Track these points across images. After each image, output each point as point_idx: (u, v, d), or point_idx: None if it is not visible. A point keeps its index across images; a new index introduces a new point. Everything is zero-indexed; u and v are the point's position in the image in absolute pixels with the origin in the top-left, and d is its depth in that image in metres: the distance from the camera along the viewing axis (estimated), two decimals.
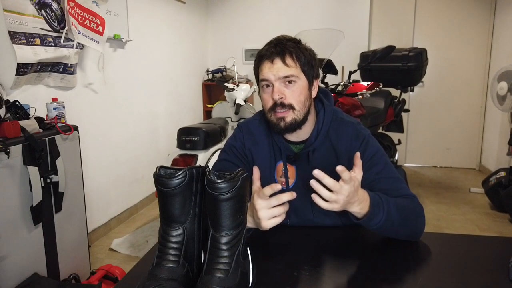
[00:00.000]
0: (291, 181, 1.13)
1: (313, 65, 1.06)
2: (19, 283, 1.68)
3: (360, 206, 0.91)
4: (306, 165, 1.10)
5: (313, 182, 0.85)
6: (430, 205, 3.39)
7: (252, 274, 0.80)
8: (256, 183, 0.97)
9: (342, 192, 0.85)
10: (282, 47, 1.02)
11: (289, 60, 1.01)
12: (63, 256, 1.96)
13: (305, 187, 1.11)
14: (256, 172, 0.99)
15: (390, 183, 1.04)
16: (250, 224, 0.92)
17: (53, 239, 1.90)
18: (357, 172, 0.90)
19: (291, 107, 1.03)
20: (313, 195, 0.86)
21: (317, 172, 0.83)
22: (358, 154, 0.93)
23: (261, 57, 1.04)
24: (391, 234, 0.98)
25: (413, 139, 4.70)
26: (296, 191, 1.11)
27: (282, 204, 0.89)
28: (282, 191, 1.13)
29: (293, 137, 1.11)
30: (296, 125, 1.05)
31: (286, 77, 1.01)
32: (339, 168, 0.84)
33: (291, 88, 1.03)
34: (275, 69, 1.01)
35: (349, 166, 1.08)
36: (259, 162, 1.15)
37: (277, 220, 0.88)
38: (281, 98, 1.02)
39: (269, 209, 0.88)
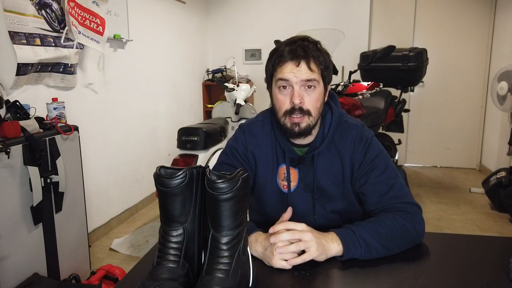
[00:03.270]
0: (293, 184, 1.11)
1: (330, 70, 1.04)
2: (19, 283, 1.68)
3: (335, 243, 0.90)
4: (310, 168, 1.09)
5: (272, 239, 0.88)
6: (430, 205, 3.39)
7: (252, 274, 0.80)
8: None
9: (300, 226, 0.89)
10: (306, 49, 0.99)
11: (313, 65, 0.98)
12: (63, 256, 1.96)
13: (307, 190, 1.11)
14: (288, 213, 0.98)
15: (388, 187, 1.03)
16: (256, 254, 0.91)
17: (53, 239, 1.90)
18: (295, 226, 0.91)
19: (308, 113, 1.00)
20: (291, 261, 0.87)
21: (271, 231, 0.90)
22: (289, 210, 1.00)
23: (283, 56, 0.99)
24: (384, 255, 0.93)
25: (413, 139, 4.70)
26: (297, 194, 1.11)
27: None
28: (283, 194, 1.13)
29: (298, 139, 1.09)
30: (309, 131, 1.03)
31: (308, 80, 0.98)
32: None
33: (310, 94, 1.00)
34: (299, 72, 0.98)
35: (352, 170, 1.08)
36: (262, 164, 1.13)
37: (288, 266, 0.86)
38: (300, 103, 0.99)
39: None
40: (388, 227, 0.94)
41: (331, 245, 0.90)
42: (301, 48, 0.98)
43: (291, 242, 0.88)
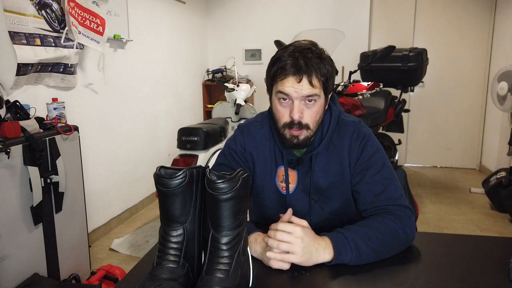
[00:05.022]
0: (292, 186, 1.11)
1: (333, 78, 1.03)
2: (19, 283, 1.68)
3: (326, 251, 0.88)
4: (308, 169, 1.08)
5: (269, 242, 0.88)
6: (430, 205, 3.39)
7: (252, 274, 0.80)
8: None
9: (296, 232, 0.86)
10: (308, 63, 0.95)
11: (315, 80, 0.96)
12: (64, 256, 1.96)
13: (306, 192, 1.11)
14: (288, 214, 0.95)
15: (383, 187, 1.02)
16: (255, 254, 0.91)
17: (53, 239, 1.90)
18: (300, 222, 0.91)
19: (307, 127, 1.00)
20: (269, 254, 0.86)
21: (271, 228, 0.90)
22: (289, 212, 0.94)
23: (284, 69, 0.96)
24: (373, 260, 0.91)
25: (413, 139, 4.70)
26: (296, 196, 1.11)
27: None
28: (282, 196, 1.13)
29: None
30: (307, 142, 1.03)
31: (309, 96, 0.97)
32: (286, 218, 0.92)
33: (310, 108, 0.99)
34: (300, 88, 0.96)
35: (350, 167, 1.07)
36: (260, 165, 1.13)
37: (285, 266, 0.86)
38: (300, 117, 0.99)
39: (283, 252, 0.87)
40: (379, 231, 0.93)
41: (321, 254, 0.88)
42: (303, 61, 0.95)
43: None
